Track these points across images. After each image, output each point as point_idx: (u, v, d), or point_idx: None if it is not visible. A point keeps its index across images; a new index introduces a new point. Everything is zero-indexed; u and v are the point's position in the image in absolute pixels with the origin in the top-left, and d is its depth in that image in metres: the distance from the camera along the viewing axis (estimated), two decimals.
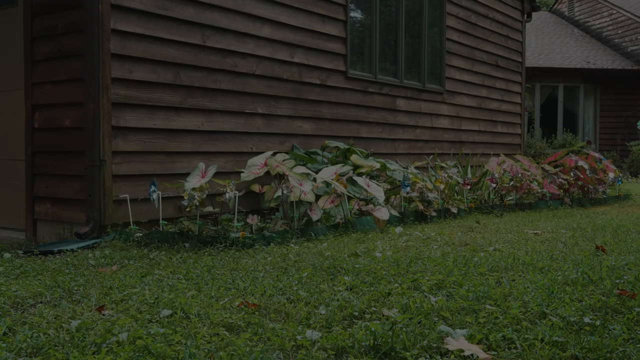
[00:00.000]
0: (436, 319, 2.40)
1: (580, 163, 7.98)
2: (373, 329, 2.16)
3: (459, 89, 8.91)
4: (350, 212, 5.19)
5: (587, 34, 19.75)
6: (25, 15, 5.00)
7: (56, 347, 2.08)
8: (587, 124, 17.68)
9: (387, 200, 5.92)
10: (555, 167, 8.30)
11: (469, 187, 6.60)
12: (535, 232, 4.92)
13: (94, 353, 2.03)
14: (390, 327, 2.20)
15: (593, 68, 16.90)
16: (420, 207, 5.81)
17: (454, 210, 6.05)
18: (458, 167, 7.46)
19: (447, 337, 2.17)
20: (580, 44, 18.77)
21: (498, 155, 9.46)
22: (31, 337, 2.18)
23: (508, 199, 7.12)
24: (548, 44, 18.58)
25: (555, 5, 21.96)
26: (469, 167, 7.74)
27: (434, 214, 5.83)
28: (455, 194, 6.80)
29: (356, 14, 7.28)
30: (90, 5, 4.45)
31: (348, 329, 2.29)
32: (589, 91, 17.62)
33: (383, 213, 5.14)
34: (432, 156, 8.07)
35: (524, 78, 10.71)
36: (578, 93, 17.49)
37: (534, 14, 14.38)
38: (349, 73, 6.85)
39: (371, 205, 5.25)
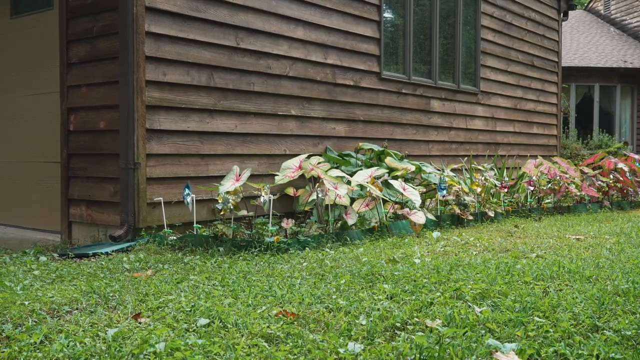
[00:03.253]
0: (483, 331, 2.30)
1: (620, 165, 7.77)
2: (418, 343, 2.07)
3: (494, 89, 8.75)
4: (386, 216, 5.09)
5: (623, 32, 19.31)
6: (61, 18, 5.01)
7: (92, 358, 2.03)
8: (624, 125, 17.27)
9: (422, 203, 5.81)
10: (593, 169, 8.10)
11: (505, 190, 6.45)
12: (577, 237, 4.77)
13: None
14: (437, 341, 2.11)
15: (630, 67, 16.51)
16: (457, 210, 5.68)
17: (491, 214, 5.91)
18: (494, 170, 7.30)
19: (496, 352, 2.07)
20: (617, 42, 18.35)
21: (534, 157, 9.27)
22: (67, 346, 2.14)
23: (546, 202, 6.95)
24: (583, 43, 18.21)
25: (591, 4, 21.52)
26: (505, 170, 7.57)
27: (470, 217, 5.70)
28: (492, 197, 6.66)
29: (390, 14, 7.17)
30: (125, 8, 4.43)
31: (391, 342, 2.20)
32: (626, 91, 17.22)
33: (419, 217, 5.03)
34: (467, 158, 7.93)
35: (560, 78, 10.48)
36: (614, 93, 17.10)
37: (569, 12, 14.07)
38: (383, 74, 6.76)
39: (407, 209, 5.15)
